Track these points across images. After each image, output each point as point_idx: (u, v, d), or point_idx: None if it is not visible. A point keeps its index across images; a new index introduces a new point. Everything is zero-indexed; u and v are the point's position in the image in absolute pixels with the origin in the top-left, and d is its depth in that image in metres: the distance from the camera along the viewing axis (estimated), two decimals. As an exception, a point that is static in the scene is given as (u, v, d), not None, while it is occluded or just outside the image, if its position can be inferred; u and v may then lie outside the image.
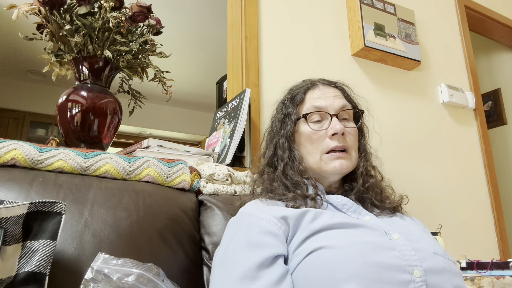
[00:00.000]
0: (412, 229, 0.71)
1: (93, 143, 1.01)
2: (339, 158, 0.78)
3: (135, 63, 1.10)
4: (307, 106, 0.83)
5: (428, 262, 0.60)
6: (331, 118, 0.79)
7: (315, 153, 0.80)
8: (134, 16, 1.02)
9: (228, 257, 0.64)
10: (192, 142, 4.94)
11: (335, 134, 0.78)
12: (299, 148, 0.82)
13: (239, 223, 0.71)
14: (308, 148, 0.81)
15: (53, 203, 0.59)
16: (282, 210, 0.68)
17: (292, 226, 0.65)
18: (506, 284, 1.03)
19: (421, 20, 2.05)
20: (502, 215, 2.01)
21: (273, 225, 0.65)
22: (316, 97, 0.83)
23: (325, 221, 0.65)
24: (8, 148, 0.75)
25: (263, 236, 0.63)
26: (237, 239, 0.66)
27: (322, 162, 0.79)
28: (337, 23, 1.78)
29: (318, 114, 0.81)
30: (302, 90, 0.86)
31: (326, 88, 0.85)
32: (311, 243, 0.62)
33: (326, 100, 0.81)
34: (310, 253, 0.60)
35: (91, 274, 0.53)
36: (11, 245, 0.55)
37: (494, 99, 2.99)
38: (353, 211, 0.74)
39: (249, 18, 1.51)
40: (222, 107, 1.45)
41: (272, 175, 0.82)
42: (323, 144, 0.79)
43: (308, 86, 0.86)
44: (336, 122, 0.78)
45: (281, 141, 0.83)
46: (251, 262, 0.59)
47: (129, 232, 0.73)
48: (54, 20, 0.97)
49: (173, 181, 0.91)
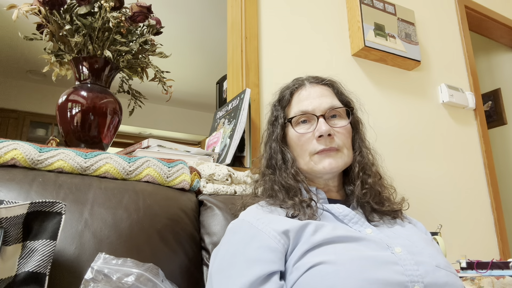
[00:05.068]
0: (414, 239, 0.70)
1: (93, 143, 1.01)
2: (328, 157, 0.77)
3: (135, 63, 1.10)
4: (293, 109, 0.83)
5: (430, 277, 0.60)
6: (318, 120, 0.78)
7: (304, 155, 0.79)
8: (134, 16, 1.02)
9: (226, 269, 0.64)
10: (192, 142, 4.94)
11: (321, 136, 0.77)
12: (291, 150, 0.82)
13: (238, 231, 0.70)
14: (297, 151, 0.81)
15: (53, 203, 0.59)
16: (283, 222, 0.67)
17: (293, 239, 0.65)
18: (506, 284, 1.03)
19: (421, 20, 2.05)
20: (502, 215, 2.01)
21: (272, 239, 0.64)
22: (302, 99, 0.82)
23: (326, 235, 0.64)
24: (8, 148, 0.75)
25: (261, 251, 0.63)
26: (235, 250, 0.66)
27: (312, 163, 0.78)
28: (337, 23, 1.78)
29: (306, 116, 0.80)
30: (288, 92, 0.85)
31: (312, 88, 0.83)
32: (311, 257, 0.61)
33: (312, 101, 0.80)
34: (310, 268, 0.60)
35: (91, 274, 0.53)
36: (11, 245, 0.55)
37: (494, 99, 2.99)
38: (355, 222, 0.73)
39: (249, 18, 1.51)
40: (222, 107, 1.45)
41: (272, 177, 0.81)
42: (311, 146, 0.78)
43: (296, 87, 0.85)
44: (322, 123, 0.77)
45: (273, 145, 0.83)
46: (246, 278, 0.59)
47: (129, 232, 0.73)
48: (54, 20, 0.97)
49: (173, 181, 0.91)
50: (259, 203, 0.78)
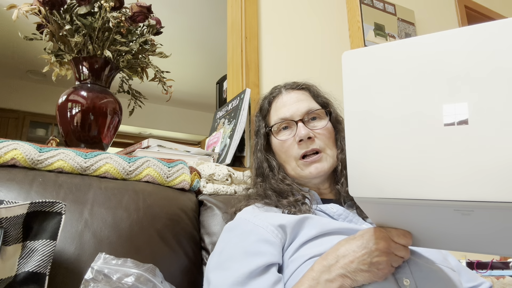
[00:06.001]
0: None
1: (93, 143, 1.01)
2: (314, 163, 0.78)
3: (135, 63, 1.10)
4: (273, 118, 0.84)
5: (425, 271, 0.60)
6: (297, 124, 0.80)
7: (290, 161, 0.80)
8: (134, 16, 1.02)
9: (223, 262, 0.64)
10: (192, 142, 4.94)
11: (302, 140, 0.78)
12: (277, 158, 0.84)
13: (235, 229, 0.71)
14: (282, 158, 0.82)
15: (53, 203, 0.59)
16: (280, 218, 0.68)
17: (290, 233, 0.65)
18: (506, 284, 1.03)
19: (421, 20, 2.05)
20: (502, 215, 2.00)
21: (270, 232, 0.65)
22: (280, 107, 0.84)
23: (322, 227, 0.65)
24: (8, 148, 0.75)
25: (260, 244, 0.64)
26: (233, 246, 0.66)
27: (298, 168, 0.79)
28: (337, 23, 1.78)
29: (287, 122, 0.81)
30: (266, 102, 0.87)
31: (288, 94, 0.85)
32: (308, 249, 0.62)
33: (289, 107, 0.82)
34: (307, 260, 0.60)
35: (91, 274, 0.53)
36: (11, 245, 0.55)
37: (494, 99, 2.99)
38: (350, 220, 0.73)
39: (249, 18, 1.51)
40: (222, 107, 1.45)
41: (263, 184, 0.82)
42: (294, 151, 0.79)
43: (273, 96, 0.87)
44: (301, 127, 0.78)
45: (258, 154, 0.85)
46: (245, 269, 0.59)
47: (129, 232, 0.74)
48: (54, 20, 0.97)
49: (173, 181, 0.91)
50: (255, 204, 0.78)
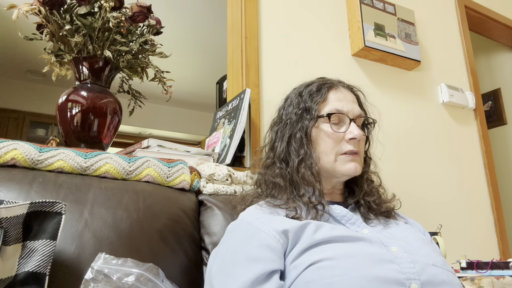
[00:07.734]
0: (410, 239, 0.71)
1: (93, 143, 1.01)
2: (354, 161, 0.79)
3: (135, 63, 1.10)
4: (329, 106, 0.81)
5: (426, 275, 0.60)
6: (350, 123, 0.80)
7: (330, 153, 0.79)
8: (134, 16, 1.02)
9: (226, 268, 0.64)
10: (192, 142, 4.94)
11: (353, 139, 0.78)
12: (315, 146, 0.80)
13: (238, 231, 0.71)
14: (323, 148, 0.79)
15: (53, 203, 0.59)
16: (283, 222, 0.68)
17: (292, 239, 0.65)
18: (506, 284, 1.03)
19: (421, 20, 2.05)
20: (502, 215, 2.01)
21: (272, 238, 0.65)
22: (339, 99, 0.82)
23: (324, 234, 0.65)
24: (8, 148, 0.75)
25: (261, 250, 0.63)
26: (235, 250, 0.66)
27: (337, 163, 0.78)
28: (337, 23, 1.78)
29: (339, 116, 0.80)
30: (325, 88, 0.83)
31: (346, 91, 0.84)
32: (310, 255, 0.62)
33: (347, 104, 0.81)
34: (308, 266, 0.60)
35: (91, 274, 0.53)
36: (11, 245, 0.55)
37: (494, 99, 2.99)
38: (352, 223, 0.74)
39: (249, 18, 1.51)
40: (222, 107, 1.45)
41: (283, 171, 0.80)
42: (339, 146, 0.79)
43: (330, 85, 0.84)
44: (355, 127, 0.79)
45: (298, 135, 0.80)
46: (247, 276, 0.59)
47: (129, 232, 0.73)
48: (54, 20, 0.97)
49: (173, 181, 0.91)
50: (259, 203, 0.78)
